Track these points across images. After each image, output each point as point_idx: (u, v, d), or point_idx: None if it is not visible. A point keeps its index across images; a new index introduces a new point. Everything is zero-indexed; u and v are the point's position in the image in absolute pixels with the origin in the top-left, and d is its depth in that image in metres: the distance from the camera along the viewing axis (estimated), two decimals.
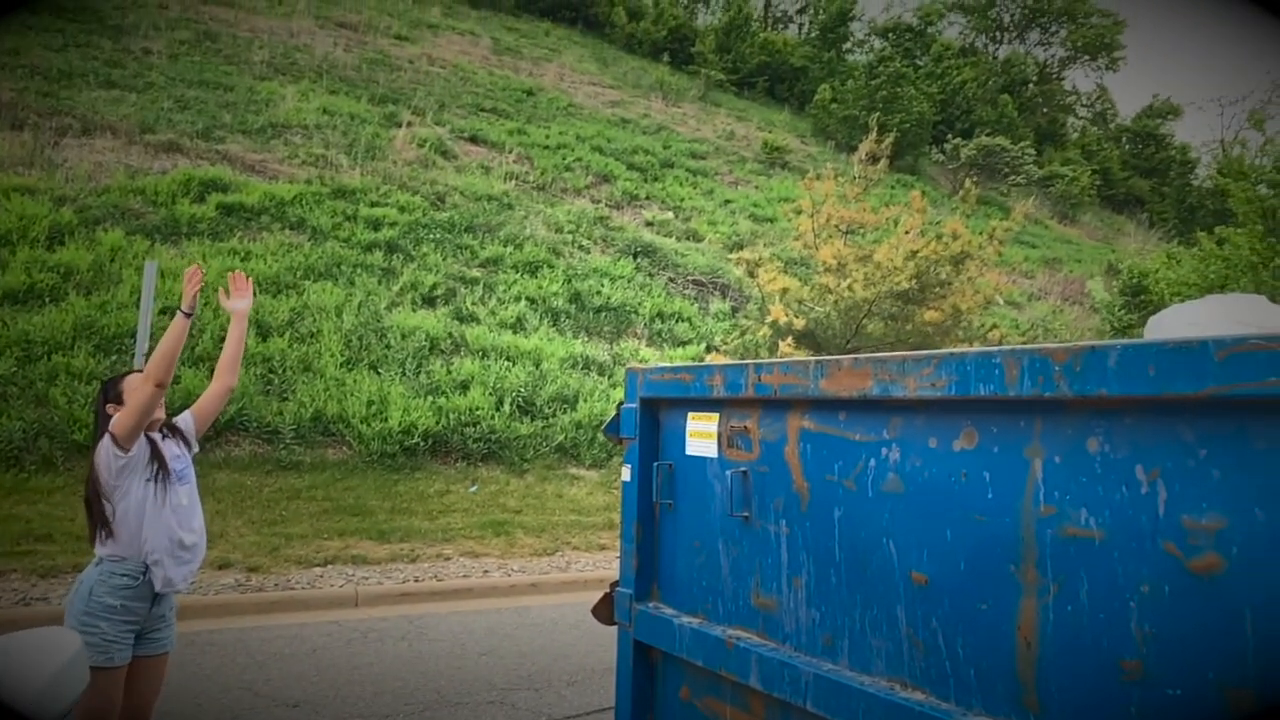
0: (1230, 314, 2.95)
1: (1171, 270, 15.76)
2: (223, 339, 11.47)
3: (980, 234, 12.43)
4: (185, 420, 3.76)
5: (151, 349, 7.84)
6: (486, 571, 8.57)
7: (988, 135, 34.90)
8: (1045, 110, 45.80)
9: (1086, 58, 48.26)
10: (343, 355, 12.28)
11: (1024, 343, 15.71)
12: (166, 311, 11.34)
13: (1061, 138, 44.49)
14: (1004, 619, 1.99)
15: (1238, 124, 40.79)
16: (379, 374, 12.22)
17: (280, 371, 11.66)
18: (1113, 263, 23.80)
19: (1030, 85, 45.80)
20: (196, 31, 23.53)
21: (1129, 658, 1.78)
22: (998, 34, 48.64)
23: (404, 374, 12.38)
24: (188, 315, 3.51)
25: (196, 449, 3.77)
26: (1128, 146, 44.82)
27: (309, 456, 10.76)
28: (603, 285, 16.64)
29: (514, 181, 20.28)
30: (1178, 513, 1.74)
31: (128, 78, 19.18)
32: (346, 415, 11.26)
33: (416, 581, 8.09)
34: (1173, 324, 3.02)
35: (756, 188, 26.21)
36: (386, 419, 11.32)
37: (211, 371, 10.91)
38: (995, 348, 2.07)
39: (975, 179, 19.32)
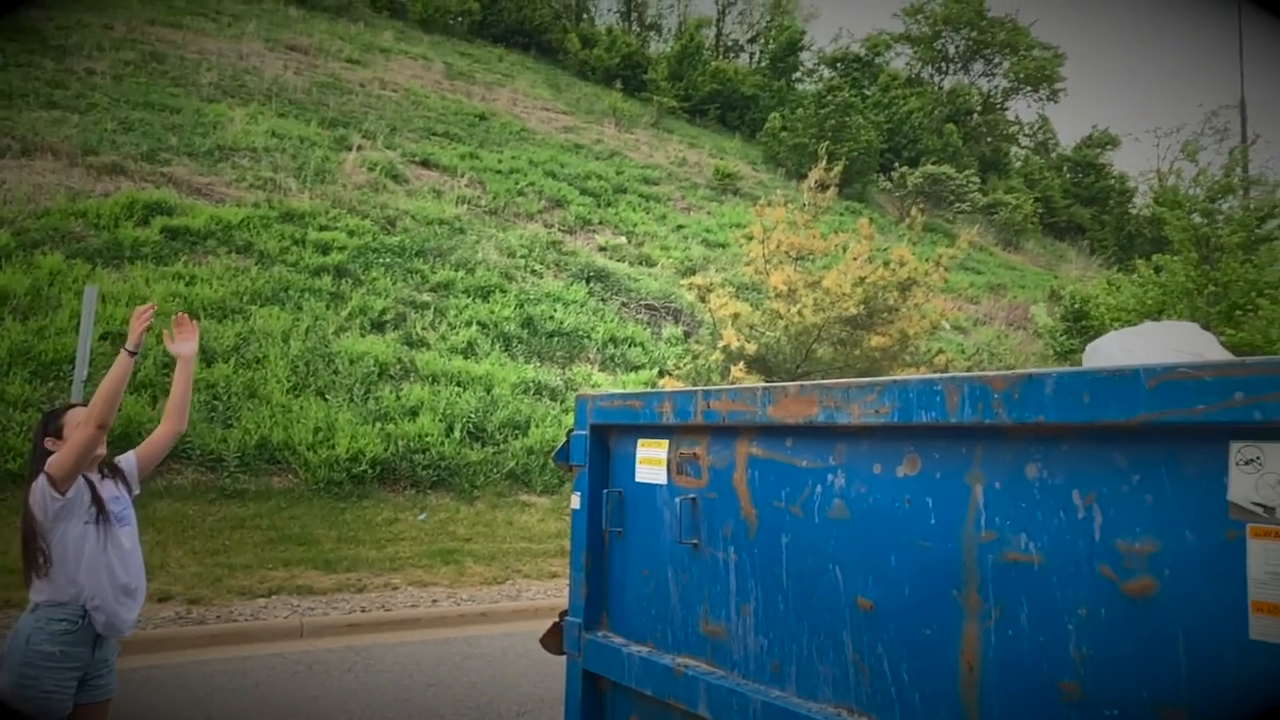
0: (1164, 341, 3.04)
1: (1111, 296, 16.16)
2: (166, 365, 11.28)
3: (926, 260, 12.65)
4: (128, 461, 3.63)
5: (91, 376, 7.66)
6: (435, 601, 8.45)
7: (934, 164, 35.62)
8: (989, 139, 46.90)
9: (1028, 89, 49.59)
10: (289, 381, 12.09)
11: (969, 368, 16.00)
12: (107, 337, 11.09)
13: (1005, 166, 45.56)
14: (947, 644, 2.01)
15: (1172, 155, 42.15)
16: (326, 400, 12.06)
17: (225, 398, 11.45)
18: (1055, 289, 24.36)
19: (974, 115, 46.92)
20: (142, 52, 23.19)
21: (1067, 679, 1.81)
22: (943, 65, 49.82)
23: (352, 400, 12.22)
24: (132, 354, 3.41)
25: (138, 490, 3.64)
26: (1068, 175, 46.03)
27: (254, 485, 10.55)
28: (555, 310, 16.62)
29: (466, 206, 20.22)
30: (1113, 537, 1.78)
31: (70, 98, 18.82)
32: (293, 442, 11.08)
33: (363, 612, 7.95)
34: (1110, 351, 3.10)
35: (709, 213, 26.44)
36: (334, 446, 11.15)
37: (153, 399, 10.71)
38: (937, 375, 2.10)
39: (922, 206, 19.69)
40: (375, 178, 19.88)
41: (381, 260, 16.09)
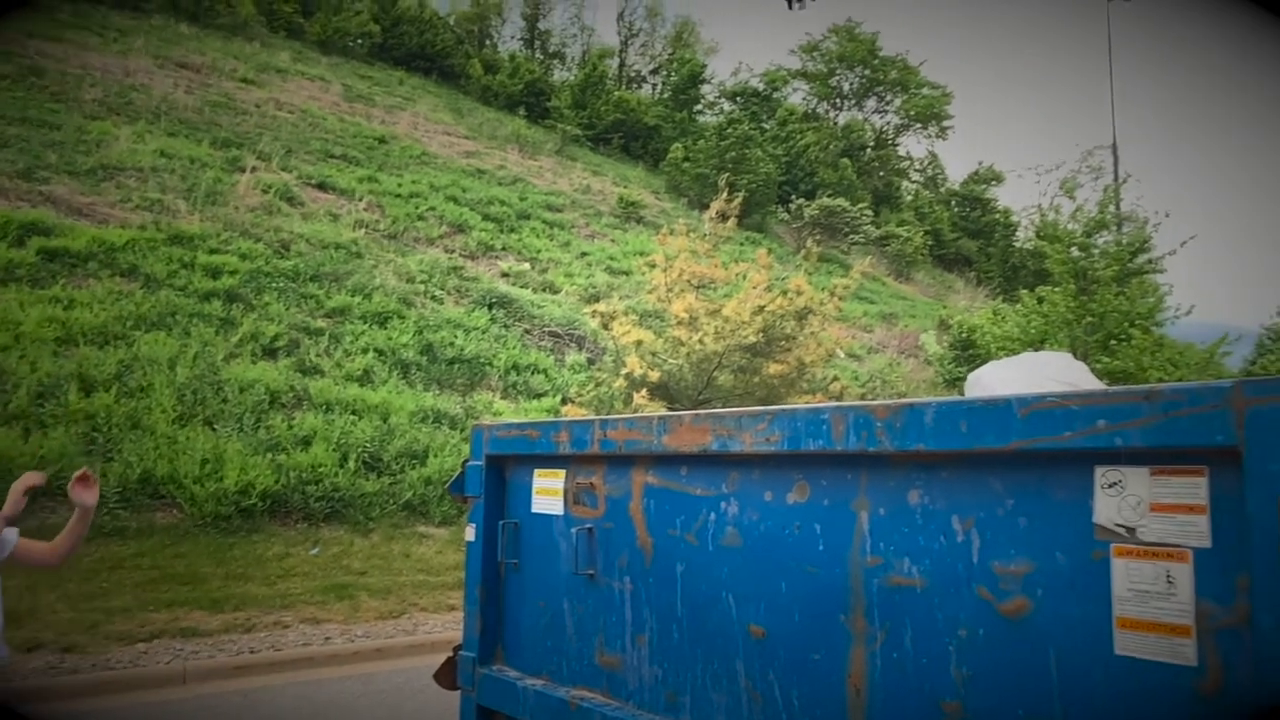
0: (1040, 371, 3.18)
1: (997, 326, 16.86)
2: (40, 396, 10.72)
3: (822, 290, 12.99)
4: (8, 536, 3.46)
5: None
6: (328, 638, 8.18)
7: (829, 196, 36.63)
8: (882, 174, 48.53)
9: (918, 126, 51.59)
10: (175, 411, 11.60)
11: (863, 395, 16.43)
12: None
13: (897, 200, 47.17)
14: (835, 668, 2.05)
15: (1052, 191, 44.28)
16: (214, 430, 11.60)
17: (105, 429, 10.90)
18: (944, 318, 25.25)
19: (868, 150, 48.51)
20: (20, 66, 22.12)
21: (949, 700, 1.86)
22: (838, 101, 51.44)
23: (242, 430, 11.79)
24: (9, 522, 3.26)
25: (6, 555, 3.47)
26: (956, 209, 47.92)
27: (135, 521, 10.04)
28: (456, 336, 16.41)
29: (364, 230, 19.85)
30: (989, 559, 1.85)
31: None
32: (178, 475, 10.60)
33: (252, 653, 7.64)
34: (989, 381, 3.23)
35: (613, 241, 26.58)
36: (221, 478, 10.72)
37: (25, 430, 10.11)
38: (824, 405, 2.15)
39: (818, 238, 20.22)
40: (269, 200, 19.35)
41: (275, 285, 15.64)
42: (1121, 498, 1.70)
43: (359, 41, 38.93)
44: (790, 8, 16.62)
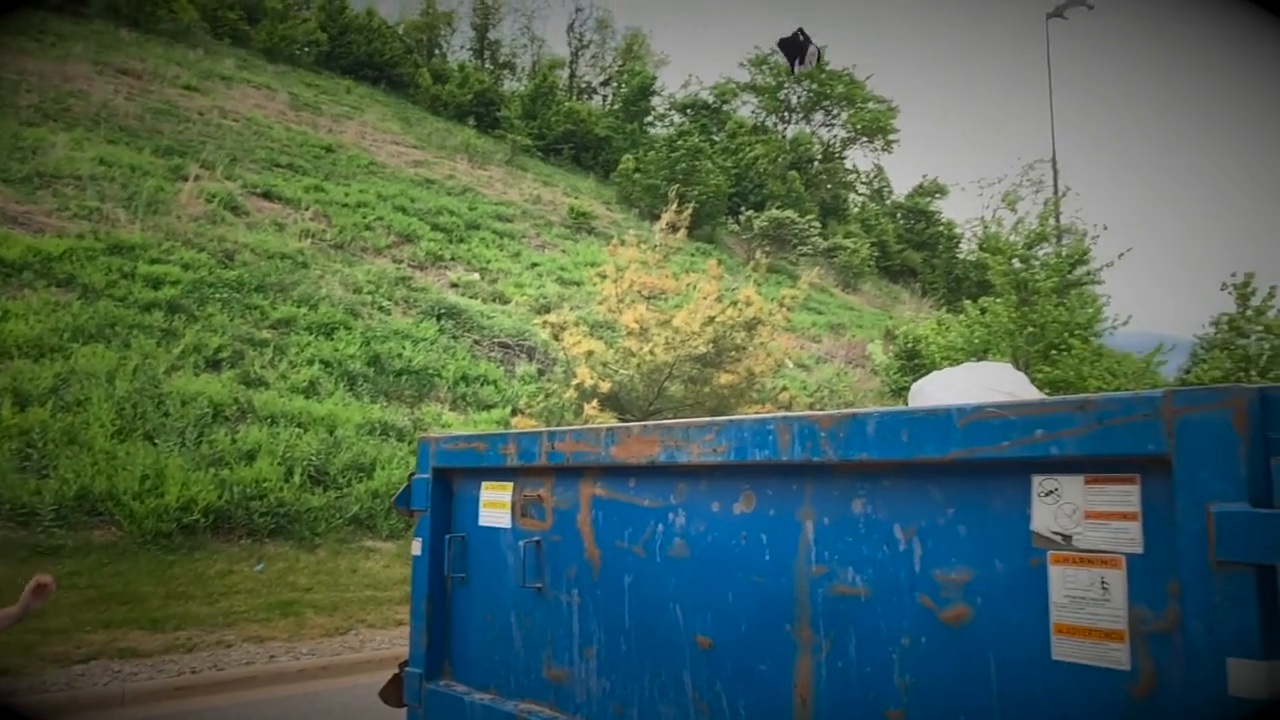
0: (981, 380, 3.24)
1: (941, 336, 17.13)
2: None
3: (771, 300, 13.09)
4: None
5: None
6: (273, 656, 8.03)
7: (778, 208, 36.97)
8: (829, 186, 49.12)
9: (865, 139, 52.28)
10: (114, 425, 11.30)
11: (811, 404, 16.58)
12: None
13: (844, 212, 47.77)
14: (781, 678, 2.06)
15: (994, 204, 45.19)
16: (155, 445, 11.33)
17: (40, 445, 10.59)
18: (890, 328, 25.60)
19: (816, 163, 49.05)
20: None
21: (892, 708, 1.88)
22: (786, 114, 51.95)
23: (183, 444, 11.53)
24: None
25: None
26: (902, 221, 48.65)
27: (71, 539, 9.75)
28: (404, 347, 16.24)
29: (310, 239, 19.57)
30: (931, 567, 1.87)
31: None
32: (116, 492, 10.32)
33: (194, 673, 7.47)
34: (931, 391, 3.29)
35: (563, 251, 26.53)
36: (162, 494, 10.46)
37: None
38: (770, 415, 2.17)
39: (766, 249, 20.39)
40: (213, 209, 19.00)
41: (218, 295, 15.35)
42: (1058, 506, 1.73)
43: (306, 50, 38.44)
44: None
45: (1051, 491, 1.74)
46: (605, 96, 52.99)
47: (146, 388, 12.15)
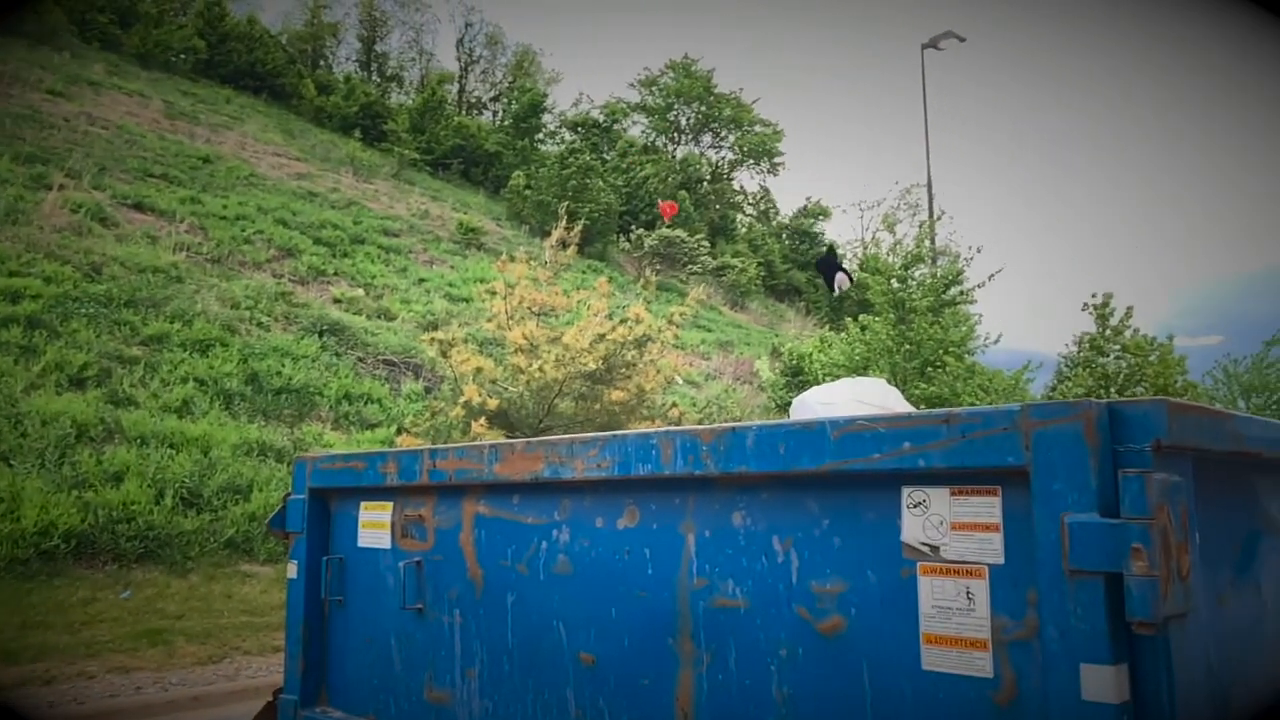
0: (858, 395, 3.34)
1: (824, 353, 17.59)
2: None
3: (661, 318, 13.20)
4: None
5: None
6: (139, 688, 7.60)
7: (668, 227, 37.44)
8: (718, 207, 49.98)
9: (752, 161, 53.48)
10: None
11: (700, 420, 16.78)
12: None
13: (732, 232, 48.66)
14: (664, 692, 2.07)
15: (874, 226, 46.86)
16: (11, 466, 10.64)
17: None
18: (776, 346, 26.17)
19: (704, 183, 49.88)
20: None
21: None
22: (676, 135, 52.70)
23: (43, 466, 10.87)
24: None
25: None
26: (787, 242, 49.91)
27: None
28: (284, 365, 15.71)
29: (185, 253, 18.78)
30: (808, 579, 1.91)
31: None
32: None
33: (51, 706, 7.00)
34: (812, 405, 3.37)
35: (452, 267, 26.18)
36: (19, 519, 9.81)
37: None
38: (653, 430, 2.19)
39: (657, 267, 20.62)
40: (79, 220, 18.04)
41: (84, 310, 14.56)
42: (926, 517, 1.79)
43: (182, 57, 37.04)
44: None
45: (920, 503, 1.80)
46: (496, 112, 52.76)
47: (3, 407, 11.44)
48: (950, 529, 1.75)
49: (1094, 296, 16.82)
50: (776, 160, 52.92)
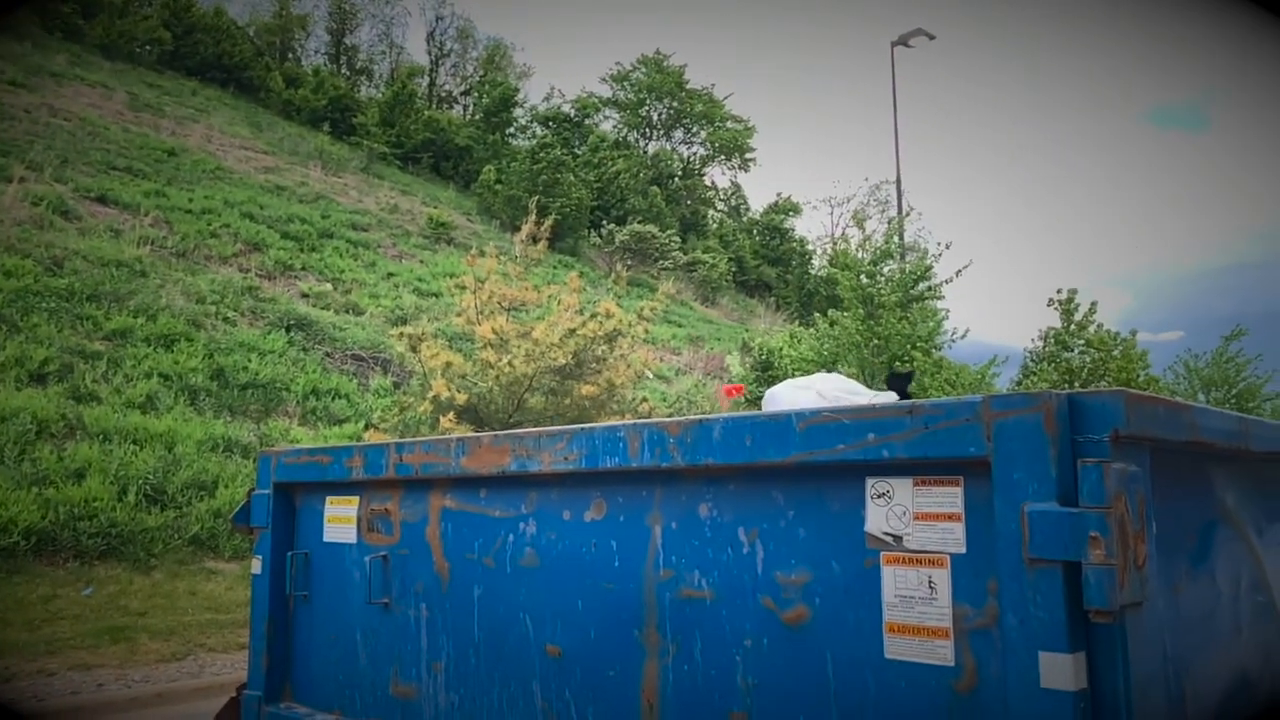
0: (824, 389, 3.36)
1: (794, 348, 17.67)
2: None
3: (631, 313, 13.20)
4: None
5: None
6: (101, 685, 7.51)
7: (639, 222, 37.41)
8: (689, 202, 50.02)
9: (723, 157, 53.57)
10: None
11: (671, 414, 16.80)
12: None
13: (703, 228, 48.72)
14: (629, 683, 2.07)
15: (844, 223, 47.17)
16: None
17: None
18: (746, 341, 26.22)
19: (676, 179, 49.91)
20: None
21: (736, 710, 1.92)
22: (647, 131, 52.67)
23: (2, 462, 10.69)
24: None
25: None
26: (758, 238, 50.04)
27: None
28: (250, 360, 15.54)
29: (149, 247, 18.51)
30: (773, 569, 1.92)
31: None
32: None
33: (10, 704, 6.89)
34: (783, 397, 3.39)
35: (421, 262, 26.01)
36: None
37: None
38: (620, 422, 2.19)
39: (628, 262, 20.62)
40: (40, 213, 17.72)
41: (45, 305, 14.31)
42: (889, 507, 1.81)
43: (147, 48, 36.44)
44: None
45: (884, 494, 1.82)
46: (466, 106, 52.41)
47: None
48: (913, 519, 1.77)
49: (1059, 292, 17.07)
50: (748, 156, 53.07)
